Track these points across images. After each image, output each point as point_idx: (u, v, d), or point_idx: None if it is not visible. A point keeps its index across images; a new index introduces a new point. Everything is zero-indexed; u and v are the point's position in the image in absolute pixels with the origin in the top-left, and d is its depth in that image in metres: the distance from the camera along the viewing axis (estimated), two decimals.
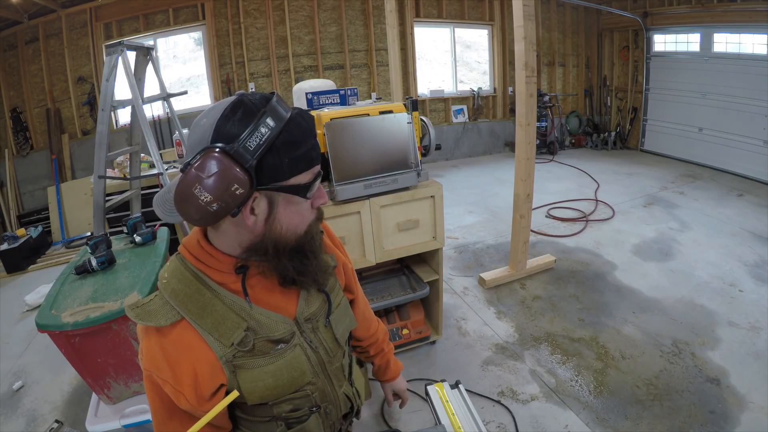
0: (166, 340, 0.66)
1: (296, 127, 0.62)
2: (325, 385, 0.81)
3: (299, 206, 0.68)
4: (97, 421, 1.60)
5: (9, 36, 4.76)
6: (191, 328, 0.66)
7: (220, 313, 0.68)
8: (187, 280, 0.68)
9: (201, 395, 0.67)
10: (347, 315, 0.88)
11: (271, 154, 0.60)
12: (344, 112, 1.87)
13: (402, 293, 2.20)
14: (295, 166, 0.63)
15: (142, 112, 2.50)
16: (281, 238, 0.68)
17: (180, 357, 0.66)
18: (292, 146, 0.62)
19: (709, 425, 1.86)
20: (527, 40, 2.66)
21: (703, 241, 3.58)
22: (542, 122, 6.76)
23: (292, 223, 0.68)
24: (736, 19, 5.18)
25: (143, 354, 0.68)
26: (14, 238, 3.96)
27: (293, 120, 0.62)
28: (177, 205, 0.61)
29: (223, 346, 0.67)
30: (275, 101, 0.62)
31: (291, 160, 0.62)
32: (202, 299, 0.67)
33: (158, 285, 0.70)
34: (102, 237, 1.81)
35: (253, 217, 0.64)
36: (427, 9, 6.29)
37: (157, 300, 0.68)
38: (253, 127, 0.59)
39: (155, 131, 4.90)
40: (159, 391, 0.68)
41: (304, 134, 0.64)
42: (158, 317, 0.66)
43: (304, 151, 0.63)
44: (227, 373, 0.68)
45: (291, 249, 0.69)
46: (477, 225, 4.20)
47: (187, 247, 0.72)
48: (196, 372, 0.66)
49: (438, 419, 1.05)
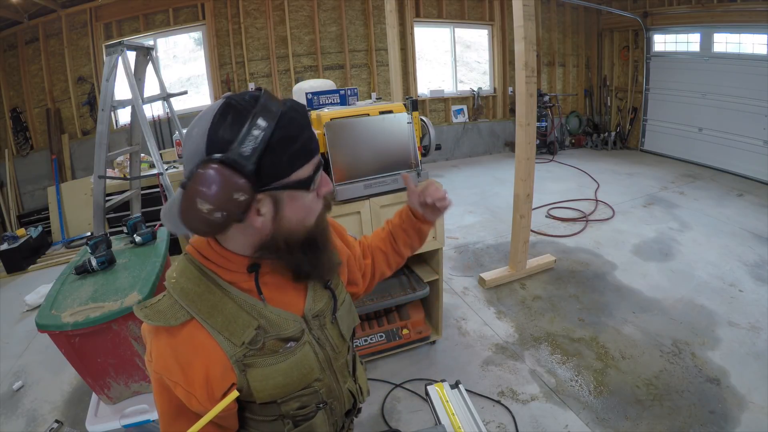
0: (176, 341, 0.65)
1: (290, 121, 0.61)
2: (332, 381, 0.81)
3: (305, 199, 0.67)
4: (97, 421, 1.60)
5: (9, 36, 4.76)
6: (201, 327, 0.66)
7: (230, 312, 0.67)
8: (196, 279, 0.68)
9: (213, 396, 0.66)
10: (351, 312, 0.88)
11: (269, 154, 0.59)
12: (344, 112, 1.87)
13: (402, 293, 2.20)
14: (295, 161, 0.62)
15: (142, 112, 2.50)
16: (292, 233, 0.67)
17: (191, 358, 0.65)
18: (289, 142, 0.61)
19: (709, 425, 1.86)
20: (527, 40, 2.66)
21: (703, 241, 3.58)
22: (542, 122, 6.76)
23: (300, 217, 0.67)
24: (736, 19, 5.18)
25: (152, 356, 0.66)
26: (14, 238, 3.96)
27: (286, 115, 0.61)
28: (183, 221, 0.61)
29: (234, 346, 0.66)
30: (264, 99, 0.61)
31: (290, 156, 0.61)
32: (212, 298, 0.67)
33: (166, 285, 0.69)
34: (102, 237, 1.81)
35: (260, 218, 0.63)
36: (427, 9, 6.29)
37: (166, 300, 0.67)
38: (246, 131, 0.58)
39: (155, 131, 4.90)
40: (169, 394, 0.67)
41: (299, 128, 0.62)
42: (168, 317, 0.65)
43: (301, 145, 0.62)
44: (237, 372, 0.68)
45: (303, 242, 0.69)
46: (477, 225, 4.20)
47: (196, 248, 0.71)
48: (208, 373, 0.65)
49: (438, 419, 1.05)
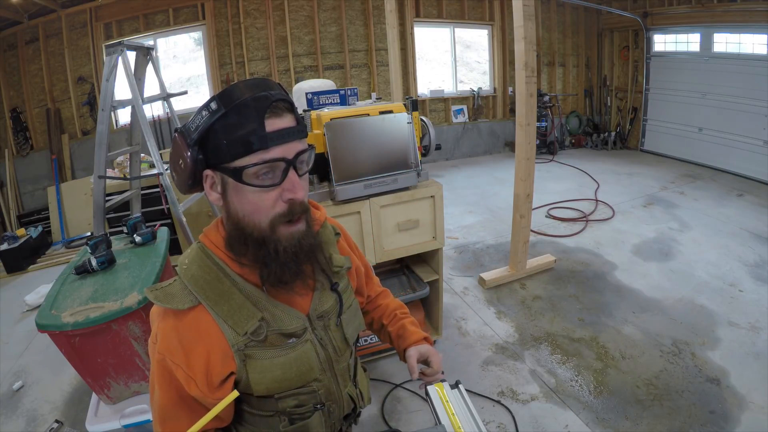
0: (182, 324, 0.67)
1: (243, 110, 0.62)
2: (331, 384, 0.82)
3: (248, 192, 0.65)
4: (97, 421, 1.60)
5: (9, 36, 4.76)
6: (207, 313, 0.68)
7: (237, 301, 0.69)
8: (207, 267, 0.70)
9: (211, 382, 0.68)
10: (357, 317, 0.88)
11: (212, 135, 0.64)
12: (344, 112, 1.87)
13: (402, 293, 2.20)
14: (232, 148, 0.63)
15: (142, 112, 2.50)
16: (244, 226, 0.68)
17: (195, 342, 0.67)
18: (230, 128, 0.62)
19: (709, 425, 1.86)
20: (527, 40, 2.66)
21: (703, 241, 3.58)
22: (542, 122, 6.76)
23: (247, 211, 0.67)
24: (736, 19, 5.18)
25: (158, 337, 0.68)
26: (14, 238, 3.96)
27: (243, 104, 0.62)
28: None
29: (237, 335, 0.68)
30: (235, 87, 0.64)
31: (229, 142, 0.63)
32: (220, 287, 0.69)
33: (177, 270, 0.72)
34: (102, 237, 1.81)
35: (215, 193, 0.68)
36: (427, 9, 6.29)
37: (177, 284, 0.70)
38: (199, 110, 0.65)
39: (155, 131, 4.90)
40: (169, 377, 0.68)
41: (247, 119, 0.62)
42: (176, 300, 0.67)
43: (243, 134, 0.62)
44: (238, 361, 0.70)
45: (258, 241, 0.68)
46: (477, 225, 4.20)
47: (208, 235, 0.74)
48: (209, 358, 0.67)
49: (438, 419, 1.05)
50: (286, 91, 0.70)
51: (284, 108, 0.66)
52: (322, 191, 1.91)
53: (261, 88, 0.64)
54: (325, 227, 0.86)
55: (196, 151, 0.65)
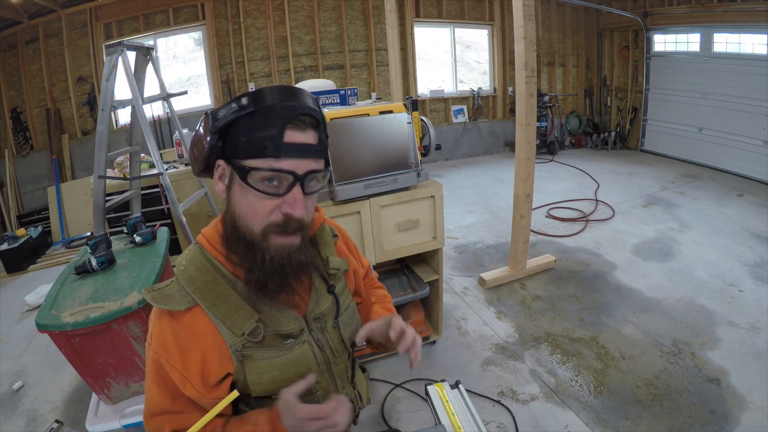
0: (178, 325, 0.68)
1: (269, 113, 0.63)
2: (329, 385, 0.82)
3: (249, 194, 0.65)
4: (97, 421, 1.59)
5: (9, 36, 4.75)
6: (204, 314, 0.68)
7: (234, 303, 0.69)
8: (204, 268, 0.70)
9: (208, 383, 0.68)
10: (354, 318, 0.88)
11: (234, 129, 0.65)
12: (344, 112, 1.87)
13: (402, 293, 2.20)
14: (248, 147, 0.64)
15: (142, 112, 2.50)
16: (238, 226, 0.68)
17: (191, 343, 0.67)
18: (252, 128, 0.63)
19: (709, 425, 1.86)
20: (527, 40, 2.66)
21: (703, 241, 3.58)
22: (542, 122, 6.76)
23: (244, 212, 0.67)
24: (736, 19, 5.18)
25: (154, 337, 0.69)
26: (14, 238, 3.95)
27: (271, 108, 0.63)
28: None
29: (234, 336, 0.69)
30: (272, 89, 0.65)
31: (247, 140, 0.63)
32: (218, 288, 0.69)
33: (175, 271, 0.72)
34: (102, 237, 1.81)
35: (221, 185, 0.69)
36: (427, 9, 6.29)
37: (174, 285, 0.70)
38: (230, 101, 0.65)
39: (155, 131, 4.90)
40: (164, 376, 0.69)
41: (269, 123, 0.63)
42: (173, 301, 0.68)
43: (261, 137, 0.63)
44: (235, 362, 0.70)
45: (246, 243, 0.68)
46: (477, 225, 4.20)
47: (206, 235, 0.74)
48: (205, 359, 0.68)
49: (438, 419, 1.05)
50: (320, 108, 0.69)
51: (309, 123, 0.66)
52: (322, 191, 1.91)
53: (292, 98, 0.64)
54: (323, 229, 0.85)
55: (215, 139, 0.65)
